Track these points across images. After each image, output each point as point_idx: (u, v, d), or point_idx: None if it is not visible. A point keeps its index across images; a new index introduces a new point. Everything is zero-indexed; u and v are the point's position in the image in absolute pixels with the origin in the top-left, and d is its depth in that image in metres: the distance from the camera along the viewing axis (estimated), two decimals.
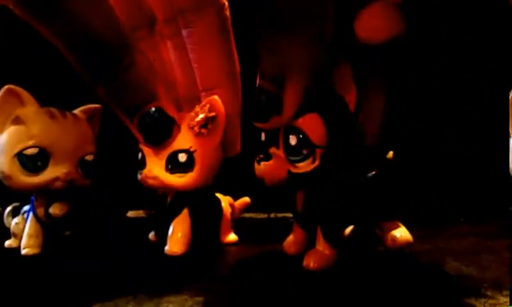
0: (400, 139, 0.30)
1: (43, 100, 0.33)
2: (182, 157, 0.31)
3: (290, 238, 0.31)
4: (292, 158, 0.26)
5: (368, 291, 0.24)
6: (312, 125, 0.26)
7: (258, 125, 0.26)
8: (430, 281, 0.26)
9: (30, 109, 0.32)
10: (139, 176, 0.32)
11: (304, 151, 0.26)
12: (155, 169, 0.31)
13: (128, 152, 0.34)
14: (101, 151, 0.35)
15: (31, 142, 0.31)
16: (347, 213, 0.28)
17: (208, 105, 0.31)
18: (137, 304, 0.22)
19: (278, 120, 0.25)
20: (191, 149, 0.31)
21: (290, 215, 0.46)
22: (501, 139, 0.27)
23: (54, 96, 0.32)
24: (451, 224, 0.42)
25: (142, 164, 0.32)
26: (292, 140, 0.26)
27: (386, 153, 0.29)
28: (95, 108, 0.36)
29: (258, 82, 0.26)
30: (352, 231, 0.30)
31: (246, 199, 0.40)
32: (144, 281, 0.27)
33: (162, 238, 0.33)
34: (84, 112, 0.35)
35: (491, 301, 0.22)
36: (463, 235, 0.37)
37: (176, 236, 0.32)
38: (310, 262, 0.27)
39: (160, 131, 0.30)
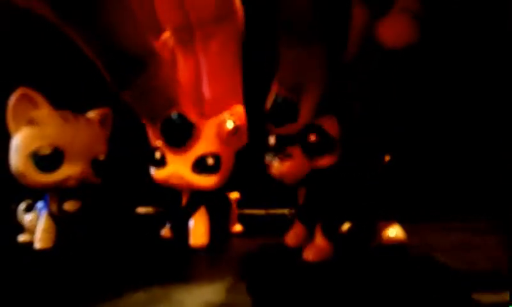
0: (394, 137, 0.31)
1: (57, 104, 0.34)
2: (210, 161, 0.33)
3: (291, 231, 0.33)
4: (313, 154, 0.28)
5: (360, 283, 0.26)
6: (330, 121, 0.28)
7: (273, 129, 0.28)
8: (417, 277, 0.27)
9: (44, 111, 0.33)
10: (157, 174, 0.33)
11: (325, 146, 0.27)
12: (181, 169, 0.33)
13: (137, 151, 0.36)
14: (112, 150, 0.36)
15: (44, 142, 0.32)
16: (346, 210, 0.30)
17: (236, 115, 0.33)
18: (146, 293, 0.23)
19: (293, 126, 0.27)
20: (219, 154, 0.33)
21: (288, 211, 0.48)
22: (490, 136, 0.28)
23: (67, 100, 0.34)
24: (440, 219, 0.43)
25: (161, 162, 0.33)
26: (312, 137, 0.27)
27: (384, 154, 0.31)
28: (106, 111, 0.37)
29: (274, 88, 0.27)
30: (350, 227, 0.31)
31: (236, 194, 0.41)
32: (154, 272, 0.28)
33: (179, 233, 0.35)
34: (96, 115, 0.36)
35: (477, 297, 0.22)
36: (451, 230, 0.38)
37: (199, 230, 0.34)
38: (309, 255, 0.29)
39: (181, 135, 0.32)
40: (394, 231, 0.31)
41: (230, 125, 0.33)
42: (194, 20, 0.32)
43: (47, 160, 0.33)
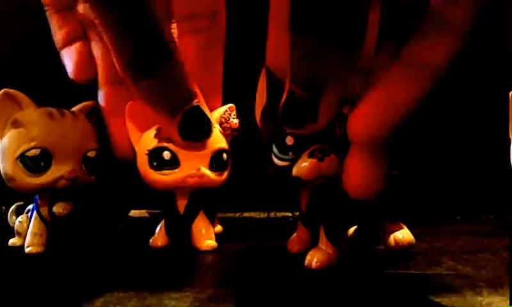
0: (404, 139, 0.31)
1: (39, 100, 0.33)
2: (225, 156, 0.33)
3: (294, 236, 0.32)
4: (343, 149, 0.26)
5: (366, 290, 0.25)
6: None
7: (292, 131, 0.26)
8: (426, 281, 0.26)
9: (28, 111, 0.32)
10: (167, 177, 0.32)
11: None
12: (202, 167, 0.32)
13: None
14: (104, 149, 0.35)
15: (32, 144, 0.31)
16: (351, 213, 0.29)
17: (235, 111, 0.33)
18: (139, 300, 0.23)
19: (312, 126, 0.25)
20: (229, 150, 0.33)
21: (290, 214, 0.47)
22: (499, 137, 0.27)
23: (49, 96, 0.33)
24: (448, 222, 0.43)
25: (173, 162, 0.31)
26: (339, 130, 0.26)
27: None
28: (92, 105, 0.35)
29: (288, 86, 0.25)
30: (355, 231, 0.30)
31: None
32: (147, 278, 0.27)
33: (177, 238, 0.34)
34: (82, 109, 0.35)
35: (486, 300, 0.22)
36: (459, 233, 0.37)
37: (209, 233, 0.34)
38: (312, 261, 0.28)
39: (203, 129, 0.30)
40: (401, 234, 0.30)
41: (235, 121, 0.33)
42: (186, 11, 0.31)
43: (35, 162, 0.31)
